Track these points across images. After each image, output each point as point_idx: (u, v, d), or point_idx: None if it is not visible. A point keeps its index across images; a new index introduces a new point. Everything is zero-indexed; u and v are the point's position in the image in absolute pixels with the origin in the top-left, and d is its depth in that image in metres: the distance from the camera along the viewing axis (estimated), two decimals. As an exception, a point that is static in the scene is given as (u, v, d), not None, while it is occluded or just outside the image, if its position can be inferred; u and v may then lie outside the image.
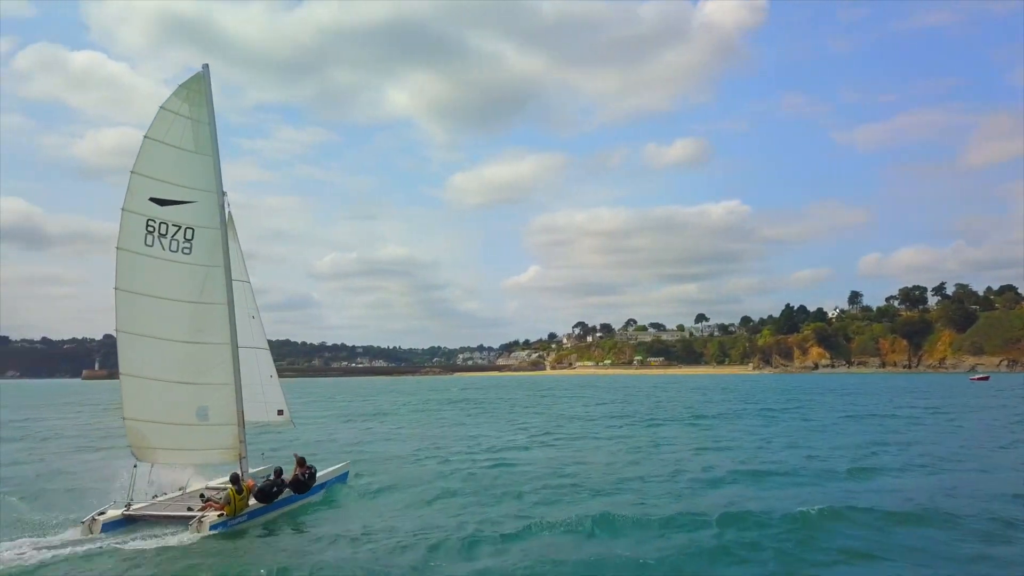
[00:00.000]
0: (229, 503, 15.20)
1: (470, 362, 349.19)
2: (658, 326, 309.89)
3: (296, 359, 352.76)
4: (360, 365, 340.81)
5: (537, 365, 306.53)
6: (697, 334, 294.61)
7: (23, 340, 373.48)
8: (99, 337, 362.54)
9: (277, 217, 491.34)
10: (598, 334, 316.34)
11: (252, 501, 16.02)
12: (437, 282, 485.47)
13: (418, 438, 35.54)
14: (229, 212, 17.98)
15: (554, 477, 21.95)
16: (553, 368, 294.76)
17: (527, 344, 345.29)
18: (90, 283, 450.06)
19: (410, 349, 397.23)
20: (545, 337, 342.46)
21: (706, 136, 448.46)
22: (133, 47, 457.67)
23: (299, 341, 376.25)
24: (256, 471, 18.91)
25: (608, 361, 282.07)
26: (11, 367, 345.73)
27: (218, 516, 14.84)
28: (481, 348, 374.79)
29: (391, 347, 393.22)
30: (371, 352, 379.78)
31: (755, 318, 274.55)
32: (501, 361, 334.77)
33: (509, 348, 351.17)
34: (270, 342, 19.84)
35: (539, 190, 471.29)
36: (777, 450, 28.18)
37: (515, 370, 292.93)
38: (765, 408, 55.00)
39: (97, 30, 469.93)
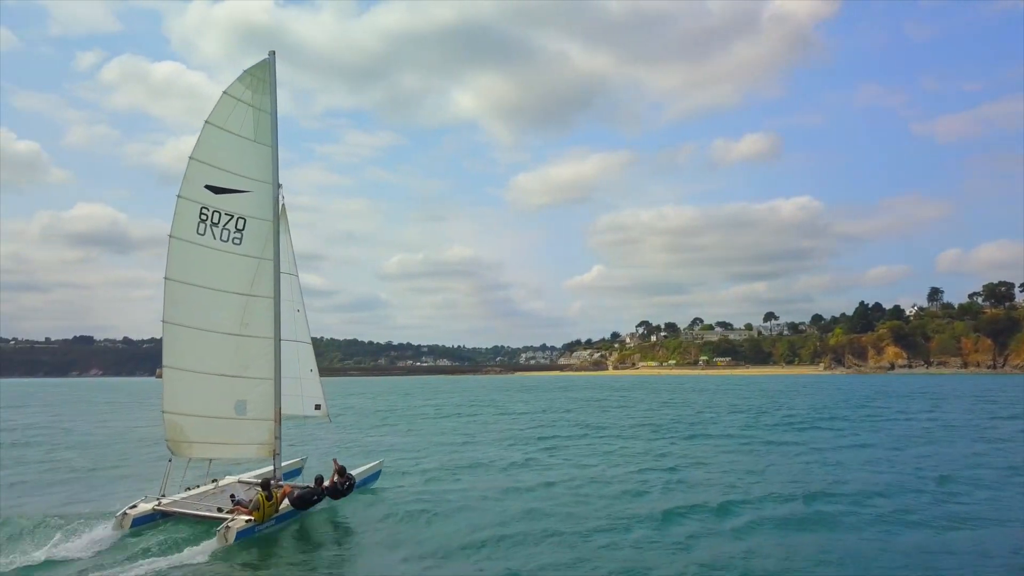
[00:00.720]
0: (258, 509, 14.80)
1: (532, 361, 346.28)
2: (725, 325, 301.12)
3: (363, 358, 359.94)
4: (424, 364, 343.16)
5: (599, 365, 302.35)
6: (766, 333, 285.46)
7: (106, 340, 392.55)
8: None
9: (347, 219, 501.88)
10: (662, 334, 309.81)
11: (284, 504, 15.58)
12: (501, 282, 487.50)
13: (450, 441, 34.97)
14: (283, 204, 17.56)
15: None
16: (616, 368, 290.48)
17: (589, 344, 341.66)
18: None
19: (474, 348, 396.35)
20: (608, 337, 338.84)
21: (777, 131, 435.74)
22: (210, 57, 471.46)
23: (367, 340, 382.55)
24: (286, 464, 18.65)
25: (672, 361, 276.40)
26: (95, 366, 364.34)
27: (246, 522, 14.46)
28: (544, 347, 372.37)
29: (455, 346, 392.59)
30: (436, 351, 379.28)
31: (827, 317, 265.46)
32: (563, 361, 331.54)
33: (571, 348, 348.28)
34: (339, 341, 19.67)
35: (604, 189, 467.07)
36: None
37: (576, 370, 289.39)
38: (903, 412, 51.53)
39: (177, 42, 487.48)
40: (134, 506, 15.10)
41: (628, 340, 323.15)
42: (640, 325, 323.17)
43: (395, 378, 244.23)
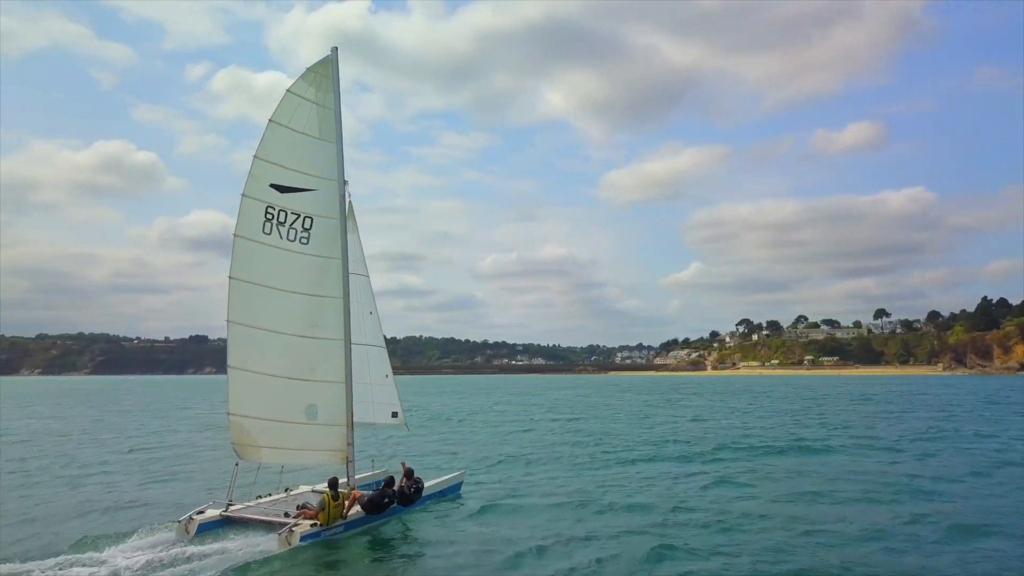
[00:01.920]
0: (323, 510, 14.31)
1: (628, 361, 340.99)
2: (832, 323, 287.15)
3: (460, 356, 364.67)
4: (518, 363, 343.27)
5: (697, 365, 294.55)
6: (876, 331, 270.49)
7: (219, 339, 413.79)
8: None
9: (442, 220, 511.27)
10: (764, 332, 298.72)
11: (355, 510, 15.02)
12: (596, 280, 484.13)
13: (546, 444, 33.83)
14: (350, 203, 17.17)
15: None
16: (714, 368, 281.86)
17: (687, 343, 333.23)
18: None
19: (568, 347, 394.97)
20: (706, 336, 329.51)
21: (883, 119, 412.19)
22: (307, 65, 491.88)
23: (463, 339, 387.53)
24: (362, 476, 18.20)
25: (775, 361, 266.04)
26: (208, 364, 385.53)
27: (311, 526, 14.02)
28: (640, 347, 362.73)
29: (550, 345, 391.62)
30: (530, 350, 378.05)
31: (944, 314, 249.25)
32: (659, 360, 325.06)
33: (668, 347, 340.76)
34: (437, 339, 19.02)
35: (699, 184, 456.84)
36: None
37: (673, 370, 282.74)
38: None
39: (276, 51, 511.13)
40: (201, 511, 14.89)
41: (728, 339, 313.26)
42: (740, 323, 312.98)
43: (488, 376, 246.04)
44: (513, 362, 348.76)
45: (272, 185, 16.25)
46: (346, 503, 14.85)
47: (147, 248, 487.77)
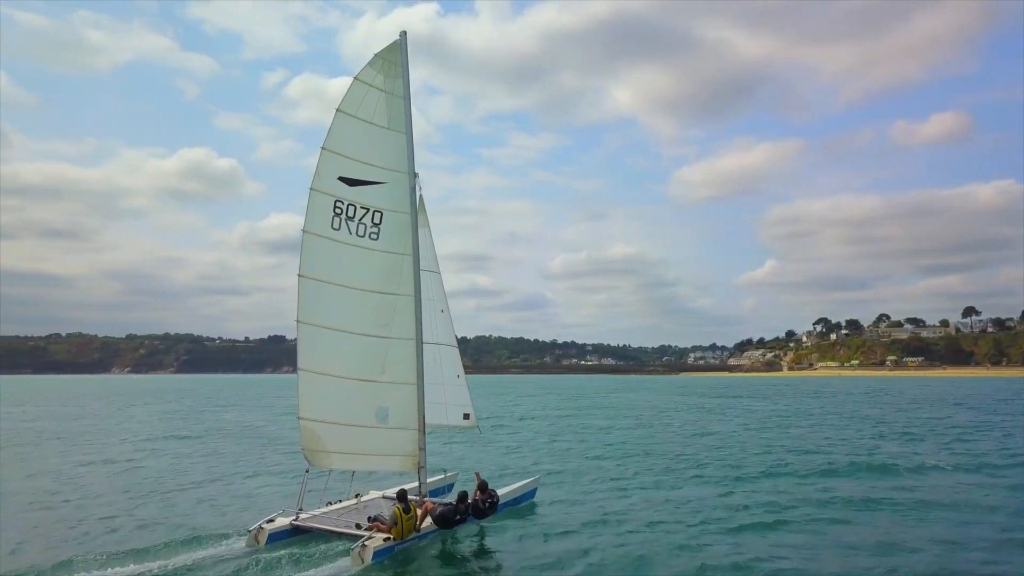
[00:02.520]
0: (395, 525, 13.51)
1: (701, 361, 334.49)
2: (916, 322, 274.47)
3: (529, 356, 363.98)
4: (587, 363, 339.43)
5: (772, 366, 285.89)
6: (965, 330, 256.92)
7: (295, 339, 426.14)
8: None
9: (511, 220, 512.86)
10: (843, 331, 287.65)
11: (427, 522, 14.20)
12: (667, 279, 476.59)
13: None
14: (420, 196, 16.27)
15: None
16: (791, 369, 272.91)
17: (762, 343, 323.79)
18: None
19: (639, 347, 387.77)
20: (782, 336, 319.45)
21: (968, 109, 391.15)
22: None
23: (532, 339, 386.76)
24: (435, 480, 17.41)
25: (855, 361, 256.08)
26: (286, 363, 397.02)
27: (384, 540, 13.17)
28: (714, 347, 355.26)
29: (620, 345, 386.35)
30: (600, 350, 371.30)
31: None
32: (733, 361, 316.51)
33: (743, 347, 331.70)
34: (507, 339, 18.00)
35: (773, 180, 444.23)
36: None
37: (747, 370, 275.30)
38: None
39: (348, 57, 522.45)
40: (271, 520, 14.25)
41: (804, 339, 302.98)
42: (818, 323, 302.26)
43: (551, 376, 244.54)
44: (582, 362, 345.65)
45: (341, 178, 15.55)
46: (418, 514, 14.00)
47: (229, 251, 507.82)
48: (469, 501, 14.96)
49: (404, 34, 16.48)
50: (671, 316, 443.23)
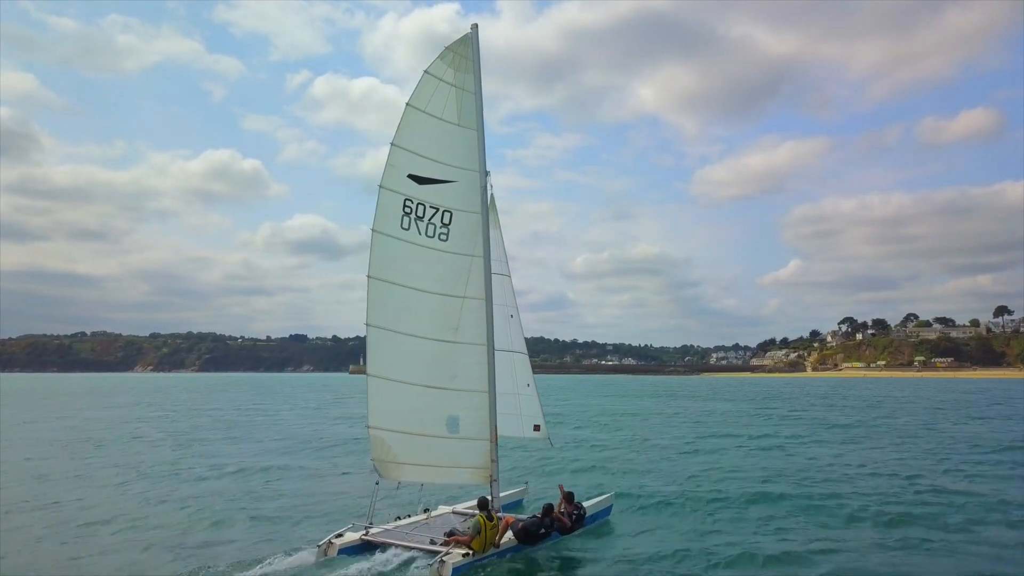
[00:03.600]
0: (478, 534, 12.81)
1: (724, 362, 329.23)
2: (945, 321, 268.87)
3: (549, 356, 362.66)
4: (608, 363, 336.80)
5: (795, 366, 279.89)
6: (996, 330, 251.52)
7: (317, 338, 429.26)
8: None
9: (534, 221, 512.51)
10: (870, 331, 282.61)
11: (507, 537, 13.51)
12: (691, 279, 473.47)
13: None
14: (492, 195, 15.54)
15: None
16: (814, 369, 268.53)
17: (785, 343, 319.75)
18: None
19: (661, 347, 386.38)
20: (806, 335, 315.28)
21: (1000, 105, 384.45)
22: (399, 70, 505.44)
23: (552, 338, 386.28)
24: (506, 495, 16.71)
25: (882, 362, 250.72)
26: (307, 362, 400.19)
27: (463, 556, 12.46)
28: (737, 347, 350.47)
29: (642, 345, 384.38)
30: (621, 350, 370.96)
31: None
32: (755, 361, 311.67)
33: (765, 347, 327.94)
34: (527, 339, 17.07)
35: (799, 178, 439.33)
36: None
37: (770, 371, 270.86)
38: None
39: (369, 58, 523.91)
40: (340, 535, 13.64)
41: (829, 339, 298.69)
42: (843, 322, 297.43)
43: (569, 376, 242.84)
44: (603, 362, 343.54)
45: (410, 176, 14.91)
46: (499, 528, 13.30)
47: (254, 252, 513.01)
48: (554, 514, 14.22)
49: (476, 27, 15.76)
50: (694, 316, 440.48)
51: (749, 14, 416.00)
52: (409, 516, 15.28)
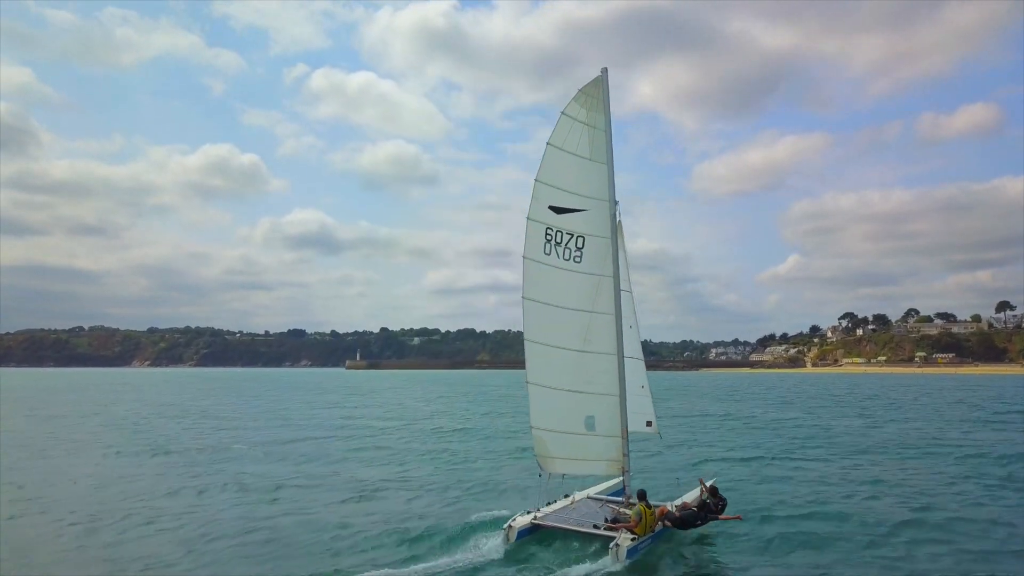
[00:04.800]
0: (640, 521, 14.91)
1: (723, 357, 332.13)
2: (947, 317, 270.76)
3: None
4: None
5: (795, 362, 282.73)
6: (998, 326, 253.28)
7: (316, 333, 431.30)
8: (376, 331, 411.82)
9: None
10: (870, 327, 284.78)
11: (656, 527, 15.62)
12: (690, 275, 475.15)
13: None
14: (619, 221, 17.65)
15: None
16: (814, 365, 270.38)
17: (784, 339, 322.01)
18: (376, 283, 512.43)
19: (660, 343, 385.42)
20: (806, 331, 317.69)
21: (999, 101, 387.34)
22: (397, 65, 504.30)
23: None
24: (608, 486, 18.92)
25: (882, 358, 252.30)
26: (306, 357, 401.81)
27: (631, 540, 14.57)
28: (736, 343, 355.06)
29: (642, 341, 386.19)
30: None
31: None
32: (755, 357, 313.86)
33: (765, 343, 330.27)
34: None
35: (798, 174, 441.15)
36: None
37: (769, 367, 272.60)
38: None
39: (366, 53, 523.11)
40: (515, 520, 15.82)
41: (829, 334, 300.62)
42: (843, 317, 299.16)
43: None
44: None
45: (551, 207, 17.07)
46: (656, 515, 15.50)
47: (253, 247, 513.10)
48: (703, 500, 16.43)
49: (605, 71, 17.79)
50: (694, 313, 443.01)
51: (747, 10, 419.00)
52: (555, 501, 17.44)
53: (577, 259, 17.26)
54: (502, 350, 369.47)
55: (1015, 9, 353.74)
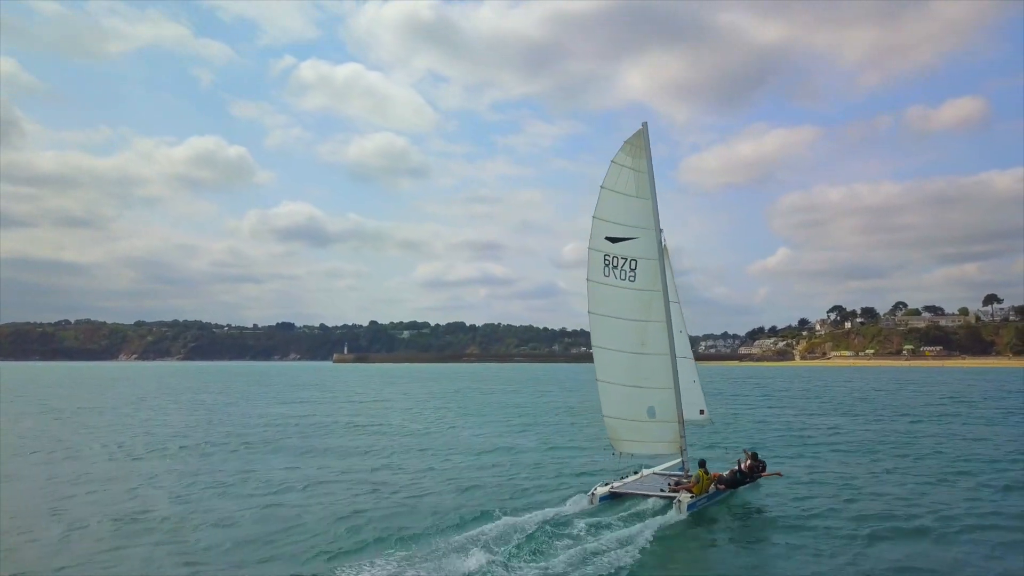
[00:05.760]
0: (698, 483, 19.20)
1: (712, 350, 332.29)
2: (935, 310, 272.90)
3: (538, 344, 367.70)
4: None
5: (784, 355, 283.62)
6: (986, 319, 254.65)
7: (304, 326, 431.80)
8: (365, 324, 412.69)
9: (525, 209, 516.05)
10: (859, 320, 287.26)
11: (711, 488, 19.78)
12: (680, 268, 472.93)
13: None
14: (665, 245, 21.64)
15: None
16: (803, 358, 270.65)
17: (774, 332, 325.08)
18: (366, 276, 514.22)
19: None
20: (795, 324, 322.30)
21: (987, 95, 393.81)
22: (384, 57, 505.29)
23: (541, 327, 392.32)
24: (667, 467, 22.82)
25: (871, 351, 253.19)
26: (294, 350, 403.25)
27: (690, 497, 18.74)
28: (726, 336, 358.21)
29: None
30: None
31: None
32: (743, 350, 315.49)
33: (754, 336, 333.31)
34: (515, 327, 23.77)
35: (788, 167, 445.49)
36: None
37: (758, 360, 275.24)
38: None
39: (353, 44, 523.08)
40: (596, 488, 19.96)
41: (818, 327, 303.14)
42: (832, 311, 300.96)
43: (548, 365, 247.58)
44: (590, 350, 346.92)
45: (607, 237, 21.06)
46: (711, 479, 19.79)
47: (241, 239, 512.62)
48: (745, 468, 20.74)
49: (646, 124, 21.75)
50: (684, 305, 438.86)
51: (736, 2, 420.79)
52: (627, 476, 21.46)
53: (631, 278, 21.26)
54: (492, 343, 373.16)
55: (1002, 2, 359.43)
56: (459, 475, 25.34)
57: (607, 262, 21.02)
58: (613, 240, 21.17)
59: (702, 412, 22.39)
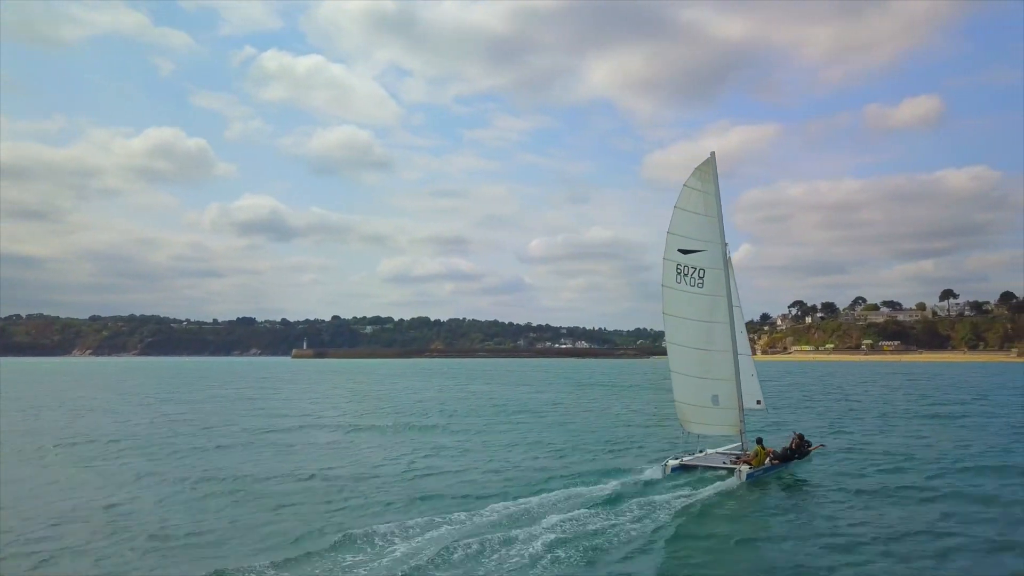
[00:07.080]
0: (756, 456, 22.89)
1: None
2: (893, 305, 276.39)
3: (504, 339, 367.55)
4: (561, 347, 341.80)
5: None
6: (942, 314, 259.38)
7: (266, 321, 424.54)
8: (328, 319, 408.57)
9: (491, 204, 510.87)
10: (819, 315, 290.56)
11: (766, 462, 23.44)
12: (645, 263, 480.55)
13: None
14: (729, 257, 25.18)
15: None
16: (764, 353, 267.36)
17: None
18: (330, 270, 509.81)
19: (615, 331, 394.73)
20: (756, 319, 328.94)
21: (944, 93, 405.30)
22: (346, 48, 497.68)
23: (507, 322, 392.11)
24: (728, 448, 26.12)
25: (830, 345, 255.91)
26: (255, 345, 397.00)
27: (749, 468, 22.47)
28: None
29: (596, 329, 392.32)
30: (575, 333, 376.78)
31: (1019, 295, 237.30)
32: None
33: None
34: (480, 322, 27.56)
35: (749, 163, 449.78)
36: None
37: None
38: None
39: (314, 35, 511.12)
40: (667, 462, 23.48)
41: (779, 322, 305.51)
42: (793, 306, 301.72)
43: (511, 360, 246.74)
44: (556, 346, 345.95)
45: (679, 250, 24.57)
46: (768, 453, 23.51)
47: (202, 232, 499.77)
48: (793, 446, 24.48)
49: (713, 154, 25.26)
50: (650, 300, 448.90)
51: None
52: (693, 454, 24.79)
53: (700, 285, 24.79)
54: (457, 338, 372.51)
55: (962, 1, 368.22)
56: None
57: (679, 271, 24.55)
58: (684, 252, 24.69)
59: (759, 402, 25.96)
